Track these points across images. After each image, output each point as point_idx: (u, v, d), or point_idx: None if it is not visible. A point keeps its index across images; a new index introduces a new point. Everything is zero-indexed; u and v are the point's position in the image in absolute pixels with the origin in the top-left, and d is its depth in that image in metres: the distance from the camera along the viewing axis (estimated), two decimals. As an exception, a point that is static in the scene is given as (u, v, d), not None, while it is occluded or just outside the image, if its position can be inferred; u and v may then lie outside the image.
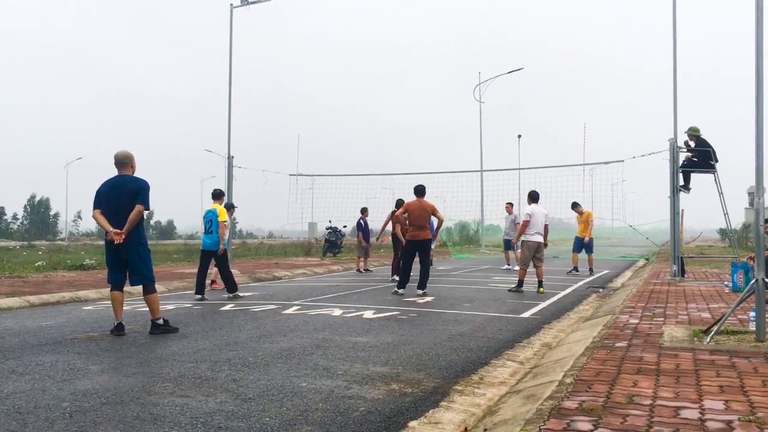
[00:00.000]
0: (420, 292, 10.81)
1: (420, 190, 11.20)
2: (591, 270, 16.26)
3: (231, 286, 10.63)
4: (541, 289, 11.43)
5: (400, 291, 10.94)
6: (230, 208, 13.00)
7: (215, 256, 10.70)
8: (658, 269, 15.82)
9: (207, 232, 10.79)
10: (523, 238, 11.80)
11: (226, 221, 10.72)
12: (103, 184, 6.90)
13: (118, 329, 6.76)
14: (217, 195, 11.16)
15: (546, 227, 11.83)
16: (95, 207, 6.86)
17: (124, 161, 6.93)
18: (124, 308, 9.17)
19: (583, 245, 16.62)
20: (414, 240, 11.03)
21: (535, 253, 11.64)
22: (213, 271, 11.81)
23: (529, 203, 11.94)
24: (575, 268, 16.32)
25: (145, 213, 6.89)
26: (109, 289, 7.02)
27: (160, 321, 6.90)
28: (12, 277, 14.08)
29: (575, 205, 17.09)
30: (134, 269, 6.86)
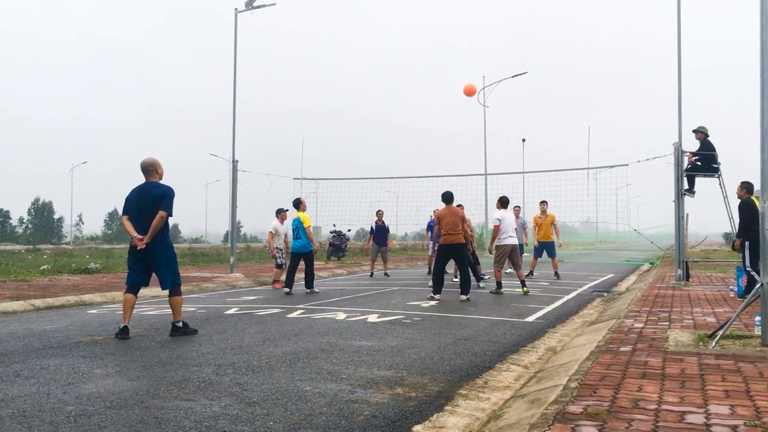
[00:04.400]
0: (464, 297, 10.65)
1: (448, 197, 11.32)
2: (557, 274, 15.96)
3: (310, 283, 12.36)
4: (525, 289, 11.85)
5: (437, 297, 10.72)
6: (281, 212, 13.91)
7: (305, 256, 12.28)
8: (663, 273, 15.78)
9: (296, 237, 12.45)
10: (496, 242, 12.20)
11: (309, 225, 12.45)
12: (131, 191, 7.10)
13: (123, 332, 6.77)
14: (296, 204, 12.70)
15: (518, 229, 12.78)
16: (123, 213, 7.11)
17: (149, 168, 7.09)
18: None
19: (544, 249, 16.32)
20: (446, 244, 11.00)
21: (510, 256, 12.15)
22: (275, 272, 13.87)
23: (499, 208, 12.44)
24: (531, 272, 16.07)
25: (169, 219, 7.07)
26: (124, 291, 7.11)
27: (180, 324, 7.00)
28: (17, 280, 14.13)
29: (544, 203, 16.58)
30: (162, 273, 7.00)
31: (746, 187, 9.86)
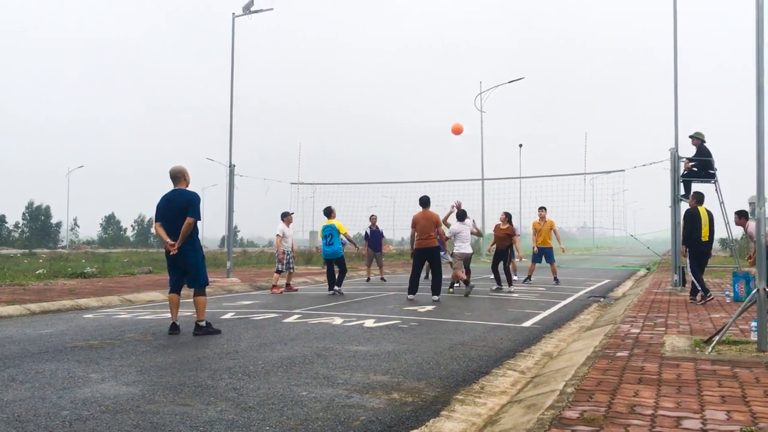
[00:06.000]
0: (435, 298, 11.26)
1: (425, 201, 11.82)
2: (556, 279, 15.85)
3: (339, 282, 13.19)
4: (451, 290, 12.94)
5: (410, 297, 11.42)
6: (286, 215, 14.07)
7: (337, 261, 13.17)
8: (659, 279, 15.80)
9: (328, 244, 13.21)
10: (455, 250, 12.92)
11: (346, 231, 13.53)
12: (161, 198, 7.50)
13: (172, 329, 7.32)
14: (328, 213, 13.53)
15: (478, 233, 14.38)
16: (156, 220, 7.56)
17: (177, 176, 7.53)
18: (125, 316, 9.22)
19: (543, 255, 16.14)
20: (421, 248, 11.55)
21: (466, 262, 13.14)
22: (274, 276, 13.93)
23: (456, 221, 13.27)
24: (528, 278, 16.06)
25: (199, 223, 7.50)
26: (168, 291, 7.70)
27: (203, 323, 7.33)
28: (13, 284, 14.09)
29: (542, 209, 16.44)
30: (191, 274, 7.45)
31: (696, 198, 10.37)
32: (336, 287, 13.01)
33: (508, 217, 14.42)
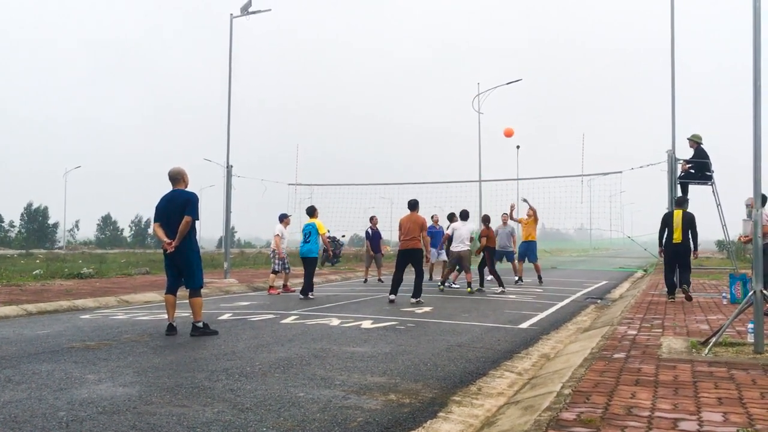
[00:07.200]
0: (414, 300, 11.22)
1: (413, 205, 12.00)
2: (539, 278, 15.70)
3: (307, 288, 12.32)
4: (469, 289, 13.28)
5: (392, 297, 11.42)
6: (285, 217, 14.12)
7: (308, 260, 12.63)
8: (656, 280, 15.80)
9: (306, 241, 12.76)
10: (451, 248, 13.56)
11: (324, 233, 13.10)
12: (161, 199, 7.59)
13: (169, 330, 7.39)
14: (311, 212, 13.16)
15: (471, 239, 14.07)
16: (155, 220, 7.63)
17: (176, 177, 7.63)
18: (122, 317, 9.21)
19: (526, 253, 15.88)
20: (405, 249, 11.70)
21: (459, 261, 13.51)
22: (270, 277, 13.84)
23: (455, 221, 14.10)
24: (520, 279, 15.93)
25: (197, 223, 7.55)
26: (164, 292, 7.73)
27: (200, 324, 7.38)
28: (9, 285, 14.06)
29: (532, 209, 16.31)
30: (187, 274, 7.50)
31: (677, 201, 10.99)
32: (302, 295, 12.18)
33: (484, 221, 14.51)
